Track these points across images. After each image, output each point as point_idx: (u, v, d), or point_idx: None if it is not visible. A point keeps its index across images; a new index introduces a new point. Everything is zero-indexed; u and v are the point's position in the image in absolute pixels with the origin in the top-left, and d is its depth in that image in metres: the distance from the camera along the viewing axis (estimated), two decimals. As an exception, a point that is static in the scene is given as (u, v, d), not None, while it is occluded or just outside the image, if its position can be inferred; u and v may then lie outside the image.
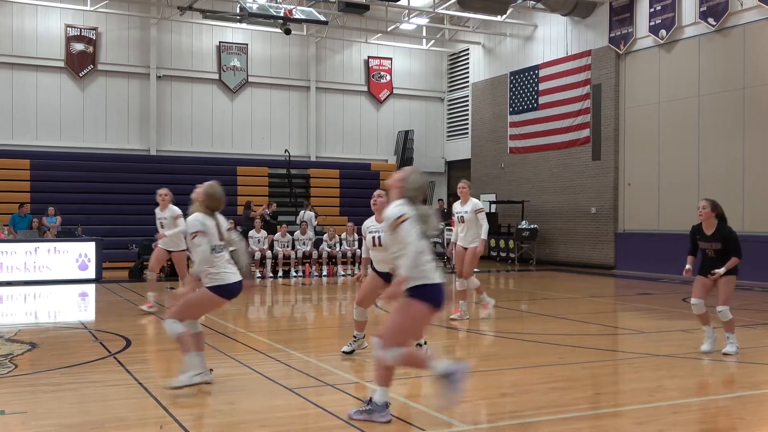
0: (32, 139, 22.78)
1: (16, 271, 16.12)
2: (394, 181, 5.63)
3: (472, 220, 10.71)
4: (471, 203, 10.82)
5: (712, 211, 8.14)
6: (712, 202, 8.21)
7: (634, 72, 20.54)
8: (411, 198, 5.53)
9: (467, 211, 10.73)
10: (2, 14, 22.41)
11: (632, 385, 6.92)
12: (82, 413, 5.64)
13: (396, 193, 5.56)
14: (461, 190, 10.93)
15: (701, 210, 8.21)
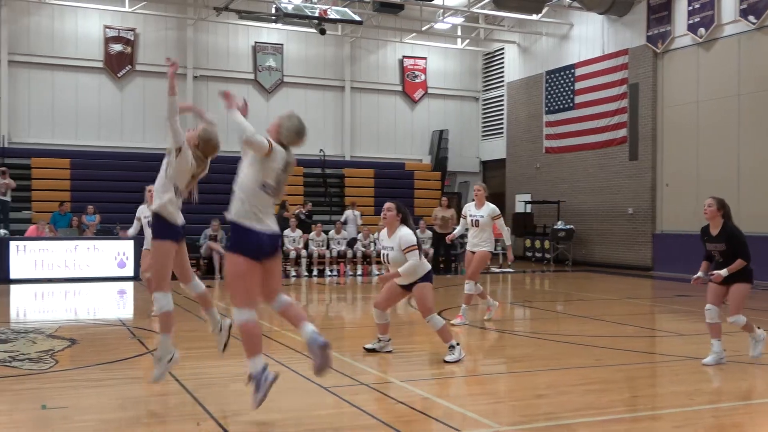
0: (72, 139, 23.14)
1: (56, 268, 16.41)
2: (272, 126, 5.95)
3: (487, 225, 10.50)
4: (488, 208, 10.56)
5: (718, 210, 7.61)
6: (719, 201, 7.68)
7: (672, 71, 20.28)
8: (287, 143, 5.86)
9: (483, 216, 10.51)
10: (43, 16, 22.81)
11: (670, 388, 6.84)
12: (120, 409, 5.72)
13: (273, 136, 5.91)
14: (477, 194, 10.72)
15: (706, 208, 7.69)
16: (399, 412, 5.69)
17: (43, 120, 22.93)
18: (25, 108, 22.73)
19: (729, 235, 7.55)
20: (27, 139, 22.65)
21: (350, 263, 19.38)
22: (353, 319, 12.26)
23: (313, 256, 18.77)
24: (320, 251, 18.90)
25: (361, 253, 19.34)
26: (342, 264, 19.17)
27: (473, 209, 10.62)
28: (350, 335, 10.36)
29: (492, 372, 7.64)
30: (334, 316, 12.75)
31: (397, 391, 6.30)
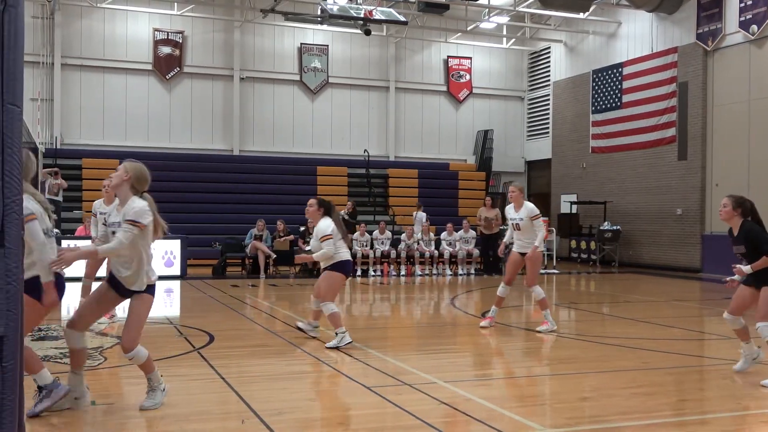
0: (121, 140, 23.59)
1: (105, 267, 16.68)
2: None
3: (528, 226, 9.99)
4: (526, 209, 10.01)
5: (734, 209, 7.05)
6: (735, 199, 7.07)
7: (723, 69, 19.87)
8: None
9: (522, 218, 9.98)
10: (94, 20, 23.29)
11: (719, 392, 6.70)
12: (167, 405, 5.81)
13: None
14: (512, 195, 10.16)
15: (721, 209, 7.17)
16: (442, 413, 5.67)
17: (94, 121, 23.41)
18: (77, 110, 23.25)
19: (746, 234, 6.98)
20: (78, 140, 23.16)
21: (394, 263, 19.39)
22: (396, 319, 12.26)
23: (356, 256, 18.82)
24: (364, 251, 18.95)
25: (405, 253, 19.33)
26: (386, 264, 19.19)
27: (512, 212, 10.18)
28: (393, 335, 10.36)
29: (537, 374, 7.57)
30: (377, 316, 12.77)
31: (441, 391, 6.29)
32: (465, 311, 12.59)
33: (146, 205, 5.72)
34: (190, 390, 6.41)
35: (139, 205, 5.68)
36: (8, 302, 3.27)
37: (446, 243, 19.74)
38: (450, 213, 23.78)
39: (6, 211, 3.26)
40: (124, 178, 5.75)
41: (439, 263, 19.64)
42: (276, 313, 11.88)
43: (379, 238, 19.33)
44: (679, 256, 20.99)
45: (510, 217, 10.17)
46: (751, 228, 6.97)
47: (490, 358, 8.52)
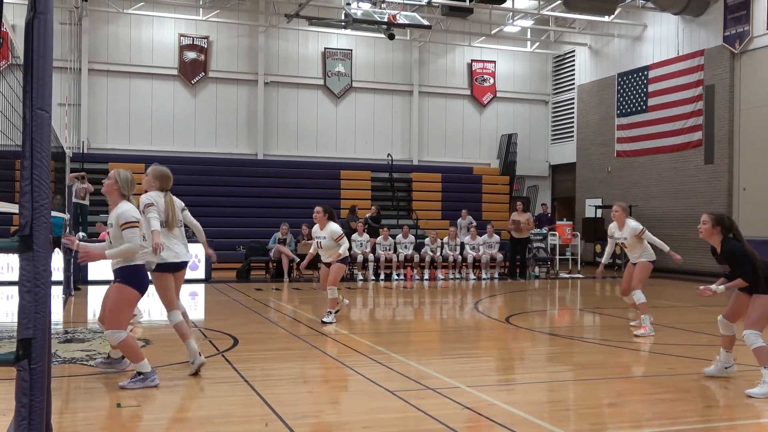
0: (147, 144, 23.81)
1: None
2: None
3: (634, 243, 10.39)
4: (629, 228, 10.39)
5: (713, 227, 6.97)
6: (713, 217, 6.99)
7: (751, 72, 19.66)
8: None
9: (626, 237, 10.39)
10: (121, 26, 23.55)
11: (746, 398, 6.61)
12: (192, 408, 5.85)
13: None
14: (615, 215, 10.57)
15: (700, 226, 7.11)
16: (465, 418, 5.66)
17: (120, 126, 23.66)
18: (104, 115, 23.51)
19: (727, 255, 6.96)
20: (105, 144, 23.42)
21: (417, 267, 19.38)
22: (420, 323, 12.25)
23: (380, 260, 18.83)
24: (387, 255, 18.95)
25: (429, 257, 19.31)
26: (409, 268, 19.18)
27: (617, 232, 10.55)
28: (416, 339, 10.35)
29: (561, 379, 7.53)
30: (400, 320, 12.76)
31: (464, 396, 6.27)
32: (489, 315, 12.55)
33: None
34: (215, 393, 6.45)
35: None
36: (36, 305, 3.31)
37: (470, 247, 19.69)
38: (474, 217, 23.71)
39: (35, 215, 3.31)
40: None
41: (462, 267, 19.60)
42: (300, 316, 11.92)
43: (402, 242, 19.33)
44: (705, 261, 20.70)
45: (615, 236, 10.54)
46: (732, 248, 6.92)
47: (513, 362, 8.49)
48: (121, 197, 6.51)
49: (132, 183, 6.66)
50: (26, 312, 3.29)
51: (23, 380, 3.32)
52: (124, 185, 6.53)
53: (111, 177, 6.55)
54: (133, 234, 6.28)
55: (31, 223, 3.28)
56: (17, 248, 3.28)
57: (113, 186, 6.50)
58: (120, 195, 6.52)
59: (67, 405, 5.99)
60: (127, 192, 6.55)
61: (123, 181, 6.54)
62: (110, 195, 6.55)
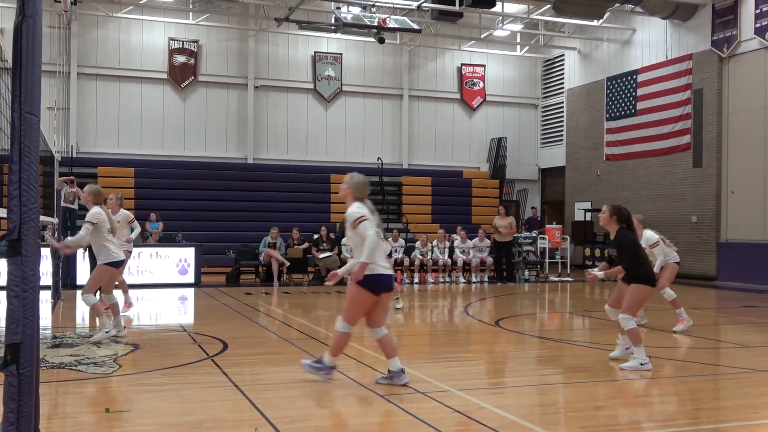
0: (136, 148, 23.75)
1: (120, 274, 16.75)
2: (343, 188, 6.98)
3: (650, 253, 10.55)
4: (644, 238, 10.68)
5: (610, 217, 7.95)
6: (612, 208, 8.00)
7: (739, 76, 19.78)
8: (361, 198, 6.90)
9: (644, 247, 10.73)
10: (110, 29, 23.49)
11: (735, 401, 6.65)
12: (181, 413, 5.83)
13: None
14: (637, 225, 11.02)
15: (600, 215, 8.17)
16: (455, 421, 5.66)
17: (110, 130, 23.59)
18: (93, 118, 23.44)
19: (618, 242, 7.89)
20: (94, 148, 23.35)
21: (407, 271, 19.38)
22: (410, 327, 12.25)
23: (370, 263, 18.81)
24: (378, 259, 18.93)
25: (419, 261, 19.32)
26: (399, 272, 19.18)
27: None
28: (407, 343, 10.35)
29: (551, 382, 7.54)
30: (390, 323, 12.75)
31: (454, 399, 6.28)
32: (479, 319, 12.57)
33: (99, 211, 9.11)
34: (205, 397, 6.43)
35: (92, 212, 9.09)
36: (25, 309, 3.30)
37: (459, 251, 19.71)
38: (463, 221, 23.77)
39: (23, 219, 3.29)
40: (88, 198, 9.28)
41: (452, 271, 19.61)
42: (290, 321, 11.90)
43: (392, 246, 19.31)
44: (694, 263, 20.87)
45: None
46: (623, 236, 7.90)
47: (503, 366, 8.50)
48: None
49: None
50: (14, 317, 3.28)
51: (11, 385, 3.31)
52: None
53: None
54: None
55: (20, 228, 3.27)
56: (5, 253, 3.27)
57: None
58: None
59: (56, 410, 5.97)
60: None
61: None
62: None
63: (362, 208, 6.77)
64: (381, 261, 6.69)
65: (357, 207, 6.77)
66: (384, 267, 6.69)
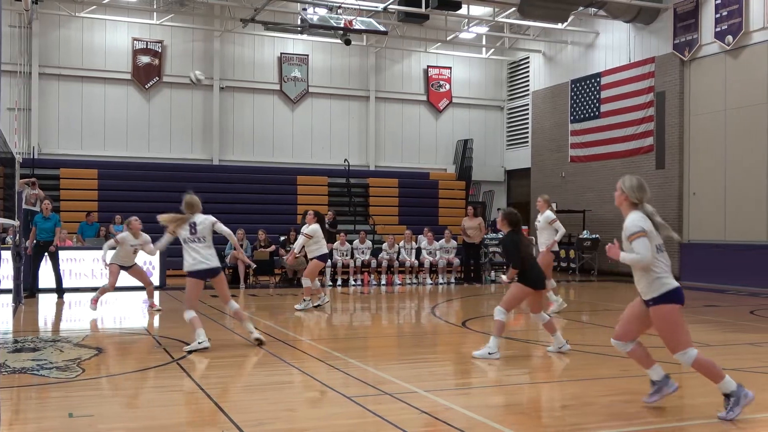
0: (100, 150, 23.45)
1: (83, 277, 16.57)
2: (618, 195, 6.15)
3: (544, 228, 12.95)
4: (544, 215, 13.02)
5: (502, 221, 8.60)
6: (504, 213, 8.64)
7: (700, 79, 20.10)
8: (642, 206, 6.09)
9: (539, 222, 13.04)
10: (73, 29, 23.17)
11: (698, 399, 6.75)
12: (146, 417, 5.77)
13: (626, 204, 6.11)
14: (538, 204, 13.43)
15: (498, 218, 9.14)
16: (423, 422, 5.67)
17: (72, 131, 23.26)
18: (55, 119, 23.09)
19: (502, 244, 8.85)
20: (56, 150, 23.00)
21: (374, 273, 19.38)
22: (377, 328, 12.25)
23: (337, 265, 18.80)
24: (344, 261, 18.93)
25: (386, 262, 19.33)
26: (366, 273, 19.18)
27: (538, 217, 13.19)
28: (374, 345, 10.35)
29: (517, 382, 7.59)
30: (358, 325, 12.75)
31: (421, 401, 6.29)
32: (446, 320, 12.61)
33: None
34: (170, 401, 6.37)
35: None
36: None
37: (426, 252, 19.76)
38: (430, 222, 23.83)
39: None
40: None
41: (419, 272, 19.66)
42: (256, 323, 11.82)
43: (359, 248, 19.32)
44: (658, 264, 21.12)
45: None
46: (505, 240, 8.64)
47: (470, 366, 8.53)
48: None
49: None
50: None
51: (-29, 391, 3.23)
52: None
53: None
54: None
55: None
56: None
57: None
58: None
59: (17, 416, 5.86)
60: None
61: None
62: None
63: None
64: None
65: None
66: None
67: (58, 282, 14.47)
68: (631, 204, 6.04)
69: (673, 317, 5.86)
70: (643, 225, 5.89)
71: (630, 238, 5.89)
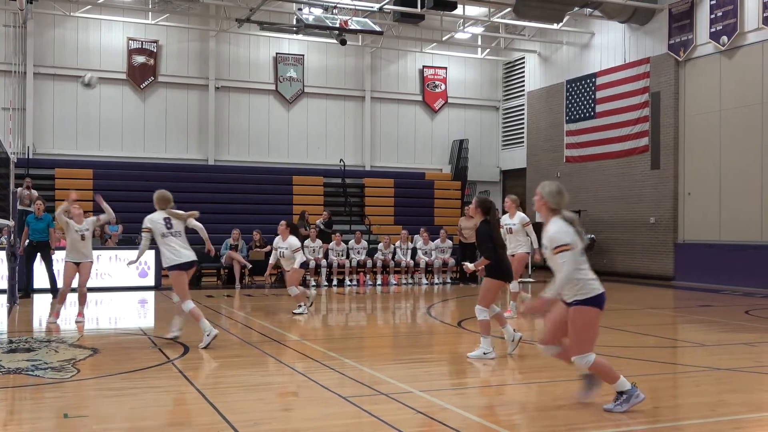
0: (95, 150, 23.39)
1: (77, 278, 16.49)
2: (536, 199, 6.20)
3: (519, 231, 12.04)
4: (518, 217, 12.06)
5: (476, 209, 8.50)
6: (478, 201, 8.57)
7: (695, 79, 20.15)
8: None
9: (515, 224, 12.03)
10: (68, 29, 23.12)
11: (692, 399, 6.77)
12: (141, 418, 5.76)
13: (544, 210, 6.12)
14: (507, 205, 12.22)
15: (469, 208, 9.11)
16: (418, 423, 5.68)
17: (67, 131, 23.20)
18: (50, 119, 23.04)
19: (477, 232, 8.47)
20: (51, 150, 22.94)
21: (370, 273, 19.39)
22: (373, 328, 12.26)
23: (333, 265, 18.80)
24: (340, 261, 18.93)
25: (381, 262, 19.33)
26: (362, 274, 19.18)
27: (507, 219, 12.13)
28: (370, 345, 10.36)
29: (512, 382, 7.61)
30: (353, 325, 12.75)
31: (417, 401, 6.29)
32: (441, 320, 12.62)
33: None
34: (165, 401, 6.37)
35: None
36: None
37: (422, 252, 19.77)
38: (426, 222, 23.83)
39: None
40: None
41: (415, 272, 19.66)
42: (251, 323, 11.83)
43: (355, 248, 19.32)
44: (653, 264, 21.20)
45: (505, 223, 12.10)
46: (480, 229, 8.43)
47: (465, 366, 8.54)
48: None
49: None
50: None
51: (-35, 392, 3.23)
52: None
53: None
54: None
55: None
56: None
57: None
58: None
59: (12, 416, 5.86)
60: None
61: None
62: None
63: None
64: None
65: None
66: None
67: (52, 282, 14.44)
68: (551, 210, 6.08)
69: (590, 320, 5.90)
70: (569, 240, 5.91)
71: (556, 249, 5.90)
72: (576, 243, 5.91)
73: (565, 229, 5.93)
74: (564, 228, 5.94)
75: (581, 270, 5.94)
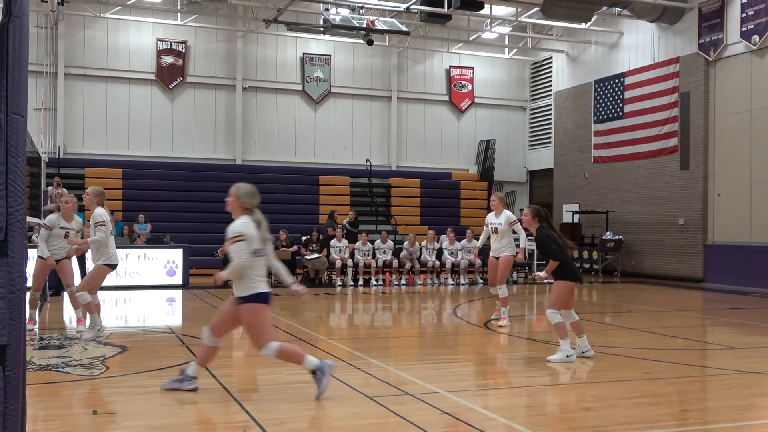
0: (124, 149, 23.65)
1: (108, 276, 16.67)
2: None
3: (506, 231, 11.35)
4: (504, 216, 11.37)
5: (533, 219, 8.36)
6: (532, 210, 8.42)
7: (725, 79, 19.90)
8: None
9: (501, 223, 11.38)
10: (98, 30, 23.39)
11: (721, 402, 6.69)
12: (169, 415, 5.81)
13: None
14: (493, 203, 11.64)
15: (522, 217, 8.72)
16: (444, 423, 5.67)
17: (97, 131, 23.49)
18: (80, 119, 23.33)
19: (537, 240, 8.33)
20: (81, 149, 23.24)
21: (396, 273, 19.38)
22: (398, 328, 12.25)
23: (359, 265, 18.82)
24: (366, 261, 18.94)
25: (408, 263, 19.31)
26: (388, 273, 19.18)
27: (492, 218, 11.54)
28: (395, 345, 10.36)
29: (539, 384, 7.56)
30: (379, 325, 12.76)
31: (443, 401, 6.28)
32: (467, 321, 12.59)
33: (104, 212, 9.47)
34: (193, 399, 6.41)
35: (100, 212, 9.42)
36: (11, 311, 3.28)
37: (448, 252, 19.72)
38: (452, 222, 23.80)
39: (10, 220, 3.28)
40: (93, 200, 9.51)
41: (440, 273, 19.62)
42: (278, 322, 11.87)
43: (381, 248, 19.32)
44: (681, 266, 20.97)
45: (490, 222, 11.64)
46: (540, 234, 8.28)
47: (491, 367, 8.52)
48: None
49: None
50: (1, 319, 3.26)
51: (-3, 387, 3.28)
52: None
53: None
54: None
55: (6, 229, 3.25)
56: (-8, 254, 3.24)
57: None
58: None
59: (43, 412, 5.93)
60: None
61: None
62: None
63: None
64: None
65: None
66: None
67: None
68: (244, 209, 6.45)
69: (259, 314, 6.17)
70: (243, 230, 6.21)
71: (231, 240, 6.19)
72: (251, 235, 6.21)
73: (242, 223, 6.29)
74: (242, 222, 6.30)
75: (254, 267, 6.20)
